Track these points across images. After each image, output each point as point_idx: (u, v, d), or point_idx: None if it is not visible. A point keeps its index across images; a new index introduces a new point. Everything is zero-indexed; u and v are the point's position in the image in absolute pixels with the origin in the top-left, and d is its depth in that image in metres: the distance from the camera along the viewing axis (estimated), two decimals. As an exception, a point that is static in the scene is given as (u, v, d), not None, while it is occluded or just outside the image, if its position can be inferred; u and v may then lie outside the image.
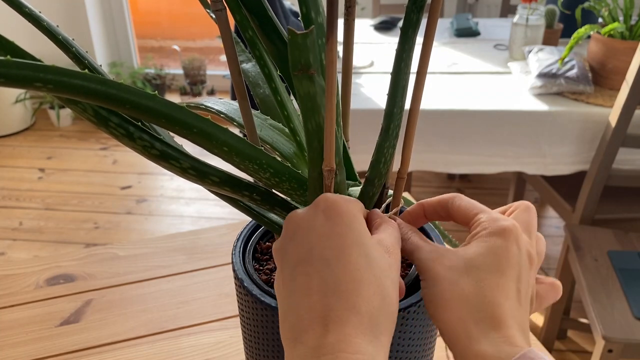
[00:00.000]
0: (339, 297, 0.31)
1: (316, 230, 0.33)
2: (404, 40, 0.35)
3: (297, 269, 0.33)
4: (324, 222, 0.33)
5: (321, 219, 0.33)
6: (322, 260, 0.32)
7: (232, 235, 0.89)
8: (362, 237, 0.33)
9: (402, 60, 0.36)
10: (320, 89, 0.33)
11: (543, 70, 1.45)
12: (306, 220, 0.34)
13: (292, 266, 0.33)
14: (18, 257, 2.01)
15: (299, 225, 0.34)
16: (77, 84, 0.28)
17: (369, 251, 0.33)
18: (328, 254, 0.32)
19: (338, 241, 0.32)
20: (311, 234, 0.33)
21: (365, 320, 0.30)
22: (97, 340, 0.69)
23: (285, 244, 0.34)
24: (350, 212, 0.34)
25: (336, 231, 0.33)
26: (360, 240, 0.33)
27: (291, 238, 0.34)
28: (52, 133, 2.95)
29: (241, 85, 0.39)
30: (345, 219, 0.33)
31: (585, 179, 1.38)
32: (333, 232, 0.33)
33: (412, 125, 0.40)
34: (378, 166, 0.39)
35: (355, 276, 0.31)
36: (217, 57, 3.49)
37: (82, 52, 0.38)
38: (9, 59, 0.25)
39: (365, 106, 1.41)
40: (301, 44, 0.30)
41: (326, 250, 0.32)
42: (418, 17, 0.35)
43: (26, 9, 0.37)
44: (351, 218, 0.34)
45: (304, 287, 0.32)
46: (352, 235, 0.33)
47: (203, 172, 0.36)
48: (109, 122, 0.34)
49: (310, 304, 0.31)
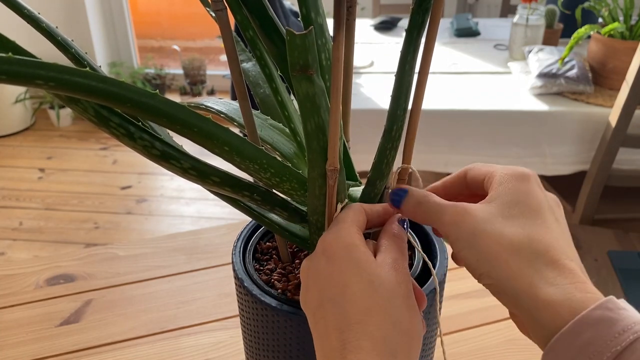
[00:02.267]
0: (351, 330, 0.32)
1: (320, 274, 0.35)
2: (408, 42, 0.35)
3: (316, 315, 0.34)
4: (326, 265, 0.34)
5: (322, 263, 0.35)
6: (331, 301, 0.33)
7: (232, 235, 0.89)
8: (362, 264, 0.34)
9: (406, 62, 0.36)
10: (320, 89, 0.33)
11: (543, 70, 1.45)
12: (312, 268, 0.36)
13: (312, 314, 0.35)
14: (18, 257, 2.00)
15: (307, 274, 0.36)
16: (79, 81, 0.28)
17: (372, 277, 0.33)
18: (334, 294, 0.33)
19: (339, 278, 0.33)
20: (318, 279, 0.35)
21: (379, 343, 0.31)
22: (97, 340, 0.69)
23: (304, 296, 0.36)
24: (346, 245, 0.35)
25: (336, 269, 0.34)
26: (360, 269, 0.33)
27: (306, 288, 0.36)
28: (52, 133, 2.95)
29: (242, 85, 0.39)
30: (342, 254, 0.34)
31: (585, 179, 1.38)
32: (334, 271, 0.34)
33: (414, 125, 0.40)
34: (380, 167, 0.39)
35: (362, 307, 0.32)
36: (217, 57, 3.49)
37: (81, 53, 0.38)
38: (10, 56, 0.25)
39: (365, 106, 1.41)
40: (300, 44, 0.30)
41: (331, 290, 0.33)
42: (423, 19, 0.35)
43: (25, 11, 0.37)
44: (348, 250, 0.34)
45: (323, 331, 0.33)
46: (352, 268, 0.34)
47: (204, 172, 0.36)
48: (110, 122, 0.34)
49: (331, 344, 0.32)
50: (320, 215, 0.39)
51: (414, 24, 0.35)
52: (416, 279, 0.43)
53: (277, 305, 0.40)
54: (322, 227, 0.39)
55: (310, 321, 0.35)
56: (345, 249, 0.34)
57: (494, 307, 0.73)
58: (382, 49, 1.85)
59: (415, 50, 0.36)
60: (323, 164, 0.36)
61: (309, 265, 0.36)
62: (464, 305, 0.73)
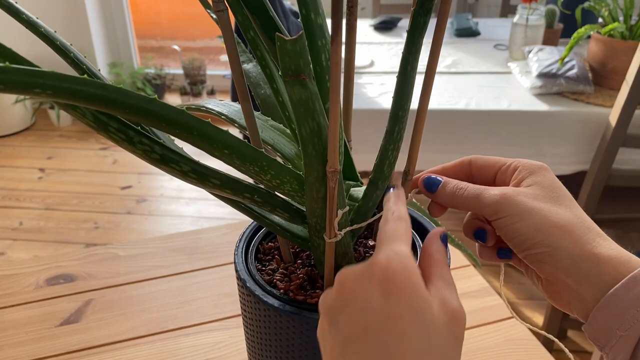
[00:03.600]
0: None
1: (372, 306, 0.30)
2: (410, 44, 0.35)
3: (350, 346, 0.30)
4: (382, 300, 0.30)
5: (378, 295, 0.30)
6: (380, 343, 0.29)
7: (232, 235, 0.89)
8: (424, 315, 0.29)
9: (408, 64, 0.36)
10: (313, 93, 0.32)
11: (543, 70, 1.45)
12: (361, 291, 0.31)
13: (342, 341, 0.31)
14: (18, 257, 2.00)
15: (352, 295, 0.31)
16: (77, 89, 0.28)
17: (430, 332, 0.29)
18: (386, 338, 0.29)
19: (397, 324, 0.29)
20: (367, 310, 0.30)
21: None
22: (97, 340, 0.69)
23: (336, 312, 0.32)
24: (411, 285, 0.30)
25: (395, 312, 0.29)
26: (420, 318, 0.29)
27: (343, 308, 0.31)
28: (52, 133, 2.95)
29: (243, 86, 0.39)
30: (405, 295, 0.30)
31: (585, 179, 1.38)
32: (391, 313, 0.29)
33: (420, 125, 0.40)
34: (382, 168, 0.39)
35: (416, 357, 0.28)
36: (217, 57, 3.49)
37: (80, 57, 0.38)
38: (7, 65, 0.25)
39: (366, 106, 1.41)
40: (290, 50, 0.30)
41: (384, 333, 0.29)
42: (425, 20, 0.35)
43: (24, 16, 0.37)
44: (413, 292, 0.30)
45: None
46: (412, 315, 0.29)
47: (204, 175, 0.36)
48: (109, 127, 0.34)
49: None
50: (319, 218, 0.39)
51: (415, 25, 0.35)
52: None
53: (280, 305, 0.40)
54: (322, 229, 0.39)
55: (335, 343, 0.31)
56: (412, 290, 0.30)
57: (494, 307, 0.73)
58: (382, 49, 1.85)
59: (417, 52, 0.36)
60: (320, 167, 0.35)
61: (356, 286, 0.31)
62: (464, 305, 0.73)
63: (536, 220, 0.36)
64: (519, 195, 0.37)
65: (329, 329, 0.32)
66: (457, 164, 0.42)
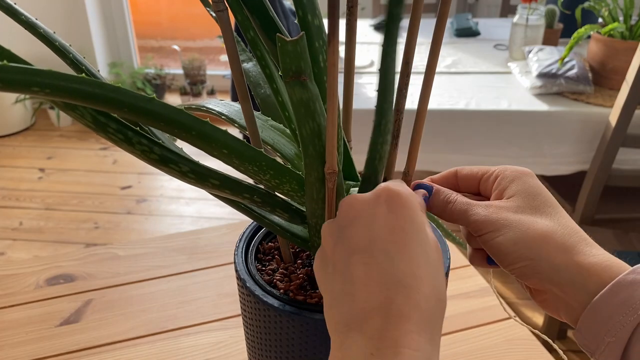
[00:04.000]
0: (400, 291, 0.30)
1: (378, 221, 0.33)
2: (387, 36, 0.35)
3: (355, 257, 0.32)
4: (387, 214, 0.33)
5: (384, 210, 0.33)
6: (384, 252, 0.32)
7: (232, 235, 0.89)
8: (423, 232, 0.33)
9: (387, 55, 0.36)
10: (313, 94, 0.32)
11: (543, 70, 1.45)
12: (368, 209, 0.33)
13: (348, 254, 0.33)
14: (18, 257, 2.00)
15: (359, 212, 0.34)
16: (75, 87, 0.28)
17: (427, 248, 0.33)
18: (390, 248, 0.32)
19: (401, 235, 0.32)
20: (374, 224, 0.33)
21: (425, 317, 0.30)
22: (97, 340, 0.69)
23: (342, 229, 0.34)
24: (412, 205, 0.34)
25: (399, 224, 0.32)
26: (421, 235, 0.33)
27: (350, 224, 0.34)
28: (52, 133, 2.95)
29: (243, 86, 0.39)
30: (407, 211, 0.33)
31: (585, 179, 1.38)
32: (396, 225, 0.32)
33: (420, 126, 0.40)
34: (373, 163, 0.39)
35: (417, 273, 0.31)
36: (217, 57, 3.49)
37: (79, 57, 0.38)
38: (6, 63, 0.25)
39: (366, 106, 1.41)
40: (291, 51, 0.30)
41: (389, 243, 0.32)
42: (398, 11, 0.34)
43: (22, 17, 0.37)
44: (413, 211, 0.33)
45: (363, 277, 0.31)
46: (414, 230, 0.33)
47: (203, 176, 0.36)
48: (108, 128, 0.34)
49: (370, 294, 0.31)
50: (319, 219, 0.39)
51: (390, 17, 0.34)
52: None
53: (280, 305, 0.40)
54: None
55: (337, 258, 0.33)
56: (414, 209, 0.33)
57: (494, 307, 0.73)
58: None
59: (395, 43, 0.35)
60: (320, 168, 0.35)
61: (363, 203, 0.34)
62: (464, 305, 0.73)
63: (515, 234, 0.36)
64: (500, 210, 0.37)
65: (333, 247, 0.34)
66: (444, 175, 0.43)
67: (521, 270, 0.37)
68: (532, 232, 0.36)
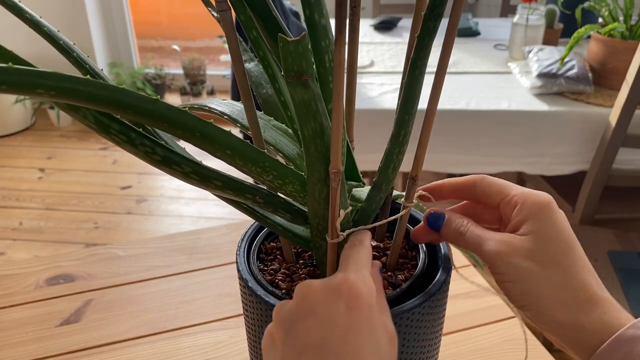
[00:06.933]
0: None
1: (334, 320, 0.32)
2: (419, 49, 0.35)
3: (306, 354, 0.31)
4: (345, 314, 0.32)
5: (342, 308, 0.32)
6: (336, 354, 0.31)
7: (232, 235, 0.89)
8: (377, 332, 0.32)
9: (416, 68, 0.35)
10: (316, 94, 0.32)
11: (543, 70, 1.45)
12: (325, 305, 0.32)
13: (298, 349, 0.32)
14: (18, 257, 2.00)
15: (315, 306, 0.33)
16: (80, 89, 0.28)
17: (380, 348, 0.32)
18: (342, 350, 0.31)
19: (355, 338, 0.31)
20: (329, 323, 0.32)
21: None
22: (97, 340, 0.68)
23: (295, 322, 0.33)
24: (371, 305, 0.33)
25: (356, 326, 0.32)
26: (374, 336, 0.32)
27: (304, 317, 0.33)
28: (52, 133, 2.95)
29: (246, 85, 0.39)
30: (365, 311, 0.32)
31: (585, 179, 1.38)
32: (352, 327, 0.31)
33: (427, 129, 0.39)
34: (386, 172, 0.39)
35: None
36: (217, 57, 3.49)
37: (83, 56, 0.38)
38: (10, 65, 0.25)
39: (366, 106, 1.41)
40: (293, 51, 0.29)
41: (342, 346, 0.31)
42: (435, 24, 0.34)
43: (27, 15, 0.37)
44: (370, 310, 0.33)
45: None
46: (368, 331, 0.32)
47: (205, 177, 0.36)
48: (110, 129, 0.34)
49: None
50: (322, 219, 0.39)
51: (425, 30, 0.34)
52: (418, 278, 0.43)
53: None
54: (324, 230, 0.39)
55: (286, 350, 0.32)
56: (370, 307, 0.33)
57: (494, 307, 0.73)
58: (382, 49, 1.85)
59: (426, 57, 0.35)
60: (322, 168, 0.35)
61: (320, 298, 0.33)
62: (464, 305, 0.73)
63: (525, 284, 0.36)
64: (512, 252, 0.37)
65: (284, 338, 0.33)
66: (463, 182, 0.42)
67: (528, 315, 0.37)
68: (540, 287, 0.36)
